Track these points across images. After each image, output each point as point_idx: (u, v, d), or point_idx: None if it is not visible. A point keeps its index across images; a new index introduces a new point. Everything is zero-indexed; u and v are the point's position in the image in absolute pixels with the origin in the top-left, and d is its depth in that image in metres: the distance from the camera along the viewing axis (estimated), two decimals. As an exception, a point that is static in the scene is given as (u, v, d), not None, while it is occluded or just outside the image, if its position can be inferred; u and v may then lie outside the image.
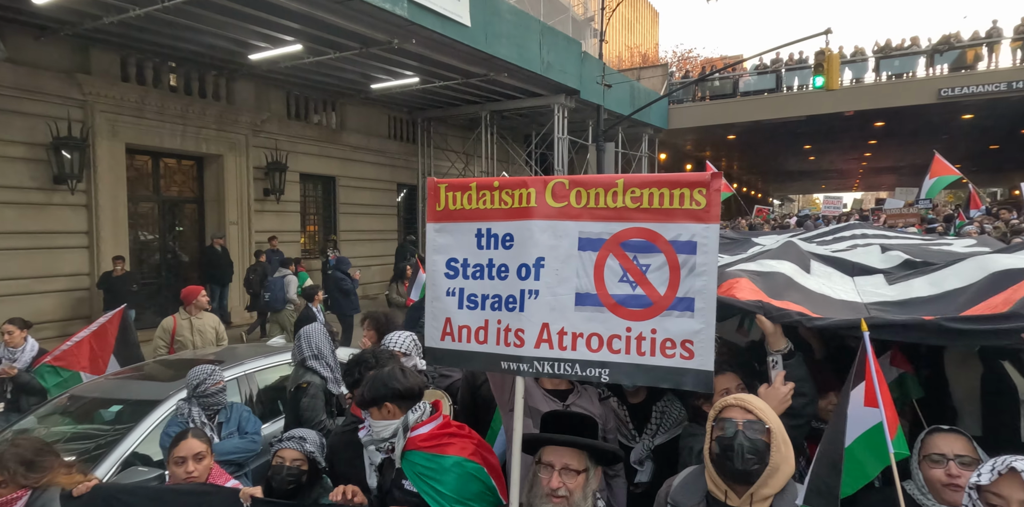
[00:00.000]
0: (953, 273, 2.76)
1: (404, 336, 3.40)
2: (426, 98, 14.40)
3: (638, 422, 2.78)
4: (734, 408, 1.89)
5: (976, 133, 21.62)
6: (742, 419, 1.85)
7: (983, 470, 1.63)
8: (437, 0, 9.06)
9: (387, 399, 2.24)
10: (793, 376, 2.23)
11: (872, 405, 1.90)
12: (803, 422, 2.28)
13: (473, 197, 2.21)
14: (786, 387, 2.18)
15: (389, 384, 2.25)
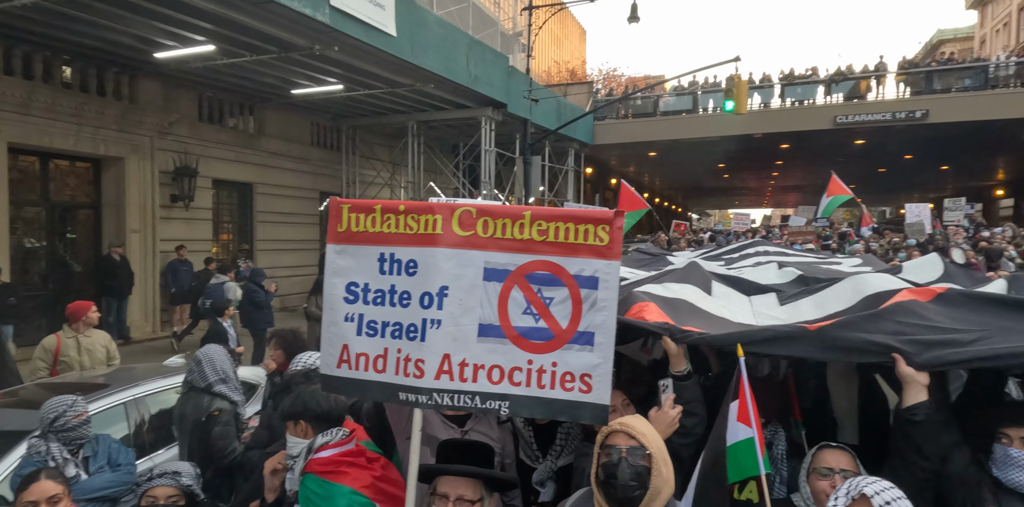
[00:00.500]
0: (834, 294, 3.00)
1: (316, 356, 3.26)
2: (351, 105, 14.09)
3: (543, 442, 2.79)
4: (619, 434, 1.93)
5: (867, 157, 23.73)
6: (626, 446, 1.90)
7: (839, 494, 1.73)
8: (361, 8, 8.90)
9: (302, 417, 2.23)
10: (684, 398, 2.32)
11: (744, 422, 2.01)
12: (693, 440, 2.37)
13: (377, 220, 2.14)
14: (674, 410, 2.26)
15: (308, 403, 2.22)
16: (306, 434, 2.24)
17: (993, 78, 17.91)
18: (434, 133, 16.84)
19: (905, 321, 2.15)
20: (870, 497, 1.65)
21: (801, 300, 3.15)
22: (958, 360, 2.00)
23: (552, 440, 2.77)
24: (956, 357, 1.98)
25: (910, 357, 1.98)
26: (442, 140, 17.64)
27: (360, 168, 16.33)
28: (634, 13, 15.82)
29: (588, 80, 30.87)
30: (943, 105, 17.33)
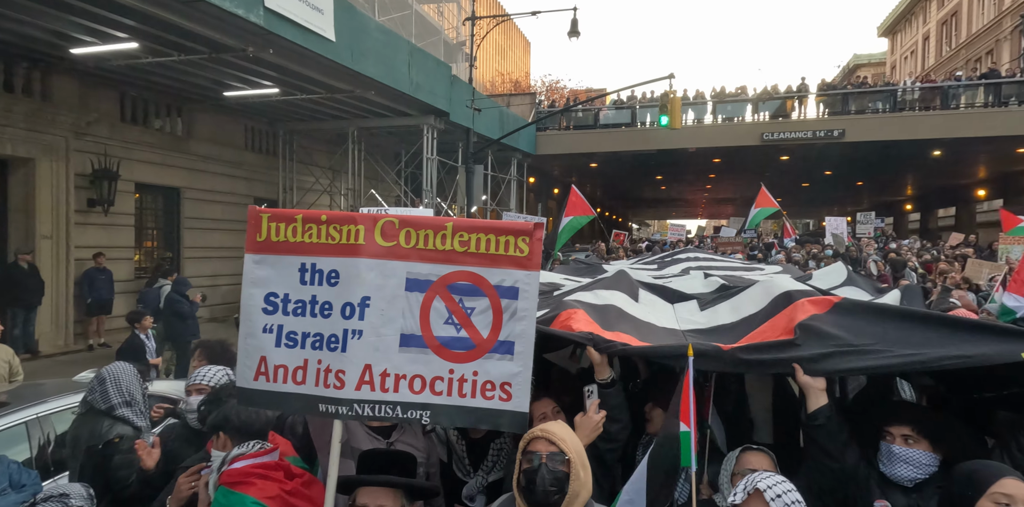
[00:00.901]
0: (748, 298, 3.19)
1: (215, 370, 3.11)
2: (289, 110, 13.72)
3: (475, 458, 2.78)
4: (540, 440, 1.97)
5: (791, 172, 25.17)
6: (546, 451, 1.94)
7: (737, 490, 1.85)
8: (298, 11, 8.72)
9: (222, 429, 2.20)
10: (608, 404, 2.38)
11: (684, 420, 2.09)
12: (617, 446, 2.44)
13: (298, 229, 2.11)
14: (598, 415, 2.32)
15: (228, 415, 2.19)
16: (225, 446, 2.20)
17: (901, 101, 19.44)
18: (375, 140, 16.63)
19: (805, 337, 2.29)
20: (763, 491, 1.76)
21: (719, 305, 3.32)
22: (850, 369, 2.17)
23: (485, 455, 2.78)
24: (847, 365, 2.13)
25: (807, 366, 2.12)
26: (383, 147, 17.43)
27: (298, 174, 15.90)
28: (574, 28, 16.23)
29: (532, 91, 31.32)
30: (858, 125, 18.65)
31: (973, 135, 17.57)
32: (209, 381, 3.03)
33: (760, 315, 2.89)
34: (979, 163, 22.64)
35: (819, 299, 2.60)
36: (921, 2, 42.05)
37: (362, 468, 2.10)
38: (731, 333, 2.84)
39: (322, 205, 16.52)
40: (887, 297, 3.44)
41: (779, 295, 2.85)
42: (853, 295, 3.59)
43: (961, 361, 1.98)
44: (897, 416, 2.20)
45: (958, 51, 36.09)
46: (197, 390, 2.99)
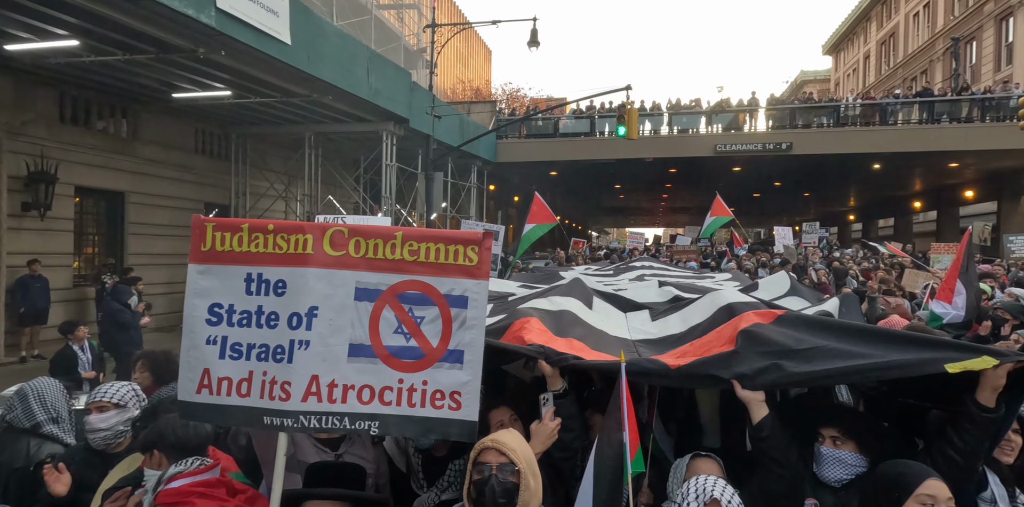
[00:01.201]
0: (696, 309, 3.31)
1: (118, 387, 2.91)
2: (242, 113, 13.37)
3: (431, 474, 2.75)
4: (490, 451, 1.98)
5: (743, 183, 26.02)
6: (496, 462, 1.95)
7: (690, 499, 1.89)
8: (252, 13, 8.53)
9: (156, 447, 2.13)
10: (562, 413, 2.40)
11: (623, 428, 2.11)
12: (571, 454, 2.45)
13: (244, 239, 2.08)
14: (553, 423, 2.34)
15: (163, 431, 2.12)
16: (160, 465, 2.12)
17: (844, 117, 20.42)
18: (333, 145, 16.37)
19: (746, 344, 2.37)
20: (719, 499, 1.84)
21: (670, 316, 3.42)
22: (786, 382, 2.25)
23: (442, 472, 2.75)
24: (783, 379, 2.20)
25: (746, 382, 2.19)
26: (342, 153, 17.17)
27: (252, 179, 15.48)
28: (534, 38, 16.43)
29: (492, 99, 31.48)
30: (804, 139, 19.47)
31: (909, 150, 18.58)
32: (111, 398, 2.81)
33: (705, 324, 2.98)
34: (915, 176, 23.95)
35: (764, 311, 2.69)
36: (862, 22, 44.40)
37: (309, 481, 2.07)
38: (679, 343, 2.92)
39: (277, 211, 16.13)
40: (827, 304, 3.60)
41: (723, 306, 2.95)
42: (796, 305, 3.74)
43: (892, 372, 2.08)
44: (827, 418, 2.29)
45: (896, 70, 38.20)
46: (98, 408, 2.77)
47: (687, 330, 3.08)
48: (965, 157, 19.31)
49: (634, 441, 2.11)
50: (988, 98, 19.15)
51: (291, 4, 9.53)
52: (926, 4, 34.56)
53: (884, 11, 40.83)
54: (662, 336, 3.11)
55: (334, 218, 9.72)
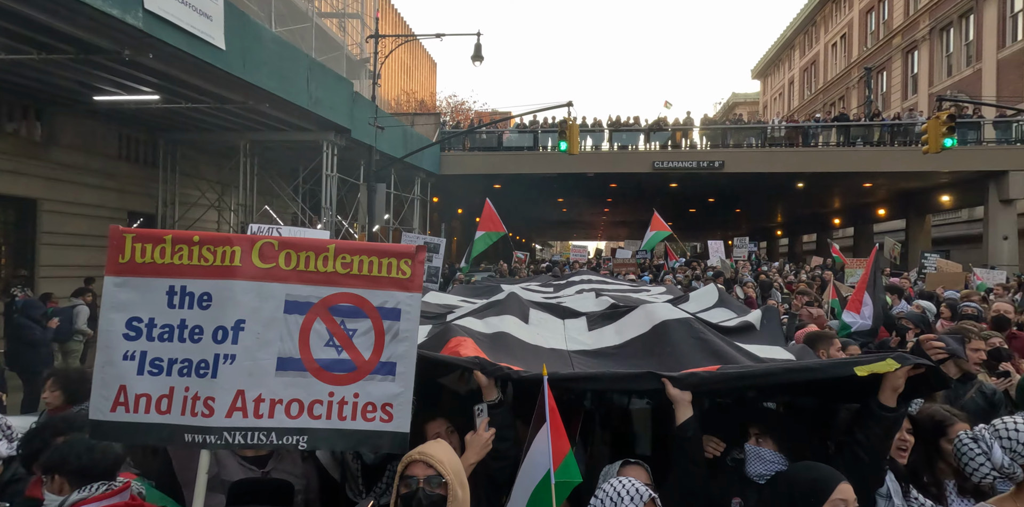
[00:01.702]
0: (632, 322, 3.44)
1: None
2: (172, 118, 12.78)
3: (370, 480, 2.71)
4: (417, 464, 1.98)
5: (680, 198, 27.07)
6: (423, 475, 1.95)
7: (625, 502, 1.96)
8: (183, 16, 8.21)
9: (57, 471, 2.04)
10: (497, 423, 2.44)
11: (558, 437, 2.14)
12: (507, 463, 2.48)
13: (167, 251, 2.04)
14: (487, 433, 2.38)
15: (66, 455, 2.03)
16: (61, 490, 2.02)
17: (770, 138, 21.67)
18: (271, 154, 15.88)
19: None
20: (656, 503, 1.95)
21: (605, 327, 3.53)
22: (713, 380, 2.39)
23: (380, 477, 2.72)
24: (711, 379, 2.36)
25: (675, 381, 2.32)
26: (279, 162, 16.67)
27: (181, 187, 14.77)
28: (478, 53, 16.61)
29: (437, 111, 31.47)
30: (735, 158, 20.50)
31: (828, 170, 19.90)
32: None
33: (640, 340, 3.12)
34: (834, 195, 25.62)
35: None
36: (787, 50, 47.43)
37: (233, 499, 2.01)
38: (615, 356, 3.05)
39: (209, 221, 15.45)
40: (750, 315, 3.82)
41: (658, 323, 3.11)
42: (722, 316, 3.95)
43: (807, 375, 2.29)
44: (752, 417, 2.44)
45: (817, 95, 40.92)
46: None
47: (623, 343, 3.20)
48: (877, 178, 20.86)
49: (560, 450, 2.15)
50: (896, 124, 20.81)
51: (226, 8, 9.25)
52: (843, 35, 37.35)
53: (806, 40, 43.82)
54: (598, 348, 3.21)
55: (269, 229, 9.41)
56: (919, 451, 2.56)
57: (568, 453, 2.15)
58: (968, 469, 2.11)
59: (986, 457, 2.05)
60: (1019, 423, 2.09)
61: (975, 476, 2.10)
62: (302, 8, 18.98)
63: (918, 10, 28.99)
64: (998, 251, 18.67)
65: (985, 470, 2.06)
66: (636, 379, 2.47)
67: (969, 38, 25.86)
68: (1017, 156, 18.60)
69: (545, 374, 2.25)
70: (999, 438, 2.06)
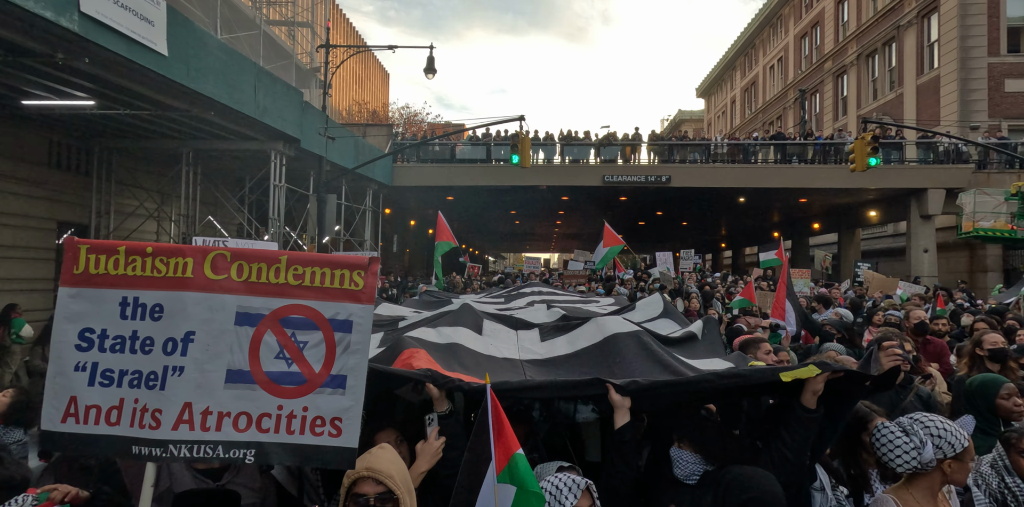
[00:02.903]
0: (583, 333, 3.57)
1: None
2: (108, 125, 12.23)
3: (331, 488, 2.68)
4: (367, 481, 1.98)
5: (629, 211, 27.77)
6: (373, 493, 1.96)
7: (565, 491, 2.07)
8: (123, 21, 7.93)
9: None
10: (447, 433, 2.48)
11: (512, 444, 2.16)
12: (456, 472, 2.51)
13: (120, 262, 2.03)
14: (438, 442, 2.42)
15: None
16: None
17: (714, 154, 22.60)
18: (215, 163, 15.39)
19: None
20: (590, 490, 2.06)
21: (557, 338, 3.63)
22: (650, 387, 2.49)
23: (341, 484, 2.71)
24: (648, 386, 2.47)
25: (617, 388, 2.43)
26: (224, 171, 16.18)
27: (117, 197, 14.10)
28: (430, 66, 16.69)
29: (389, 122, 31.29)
30: (681, 173, 21.25)
31: (766, 186, 20.89)
32: None
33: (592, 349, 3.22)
34: (773, 209, 26.88)
35: None
36: (729, 71, 49.71)
37: None
38: (566, 364, 3.13)
39: (147, 232, 14.78)
40: (692, 326, 3.99)
41: (609, 335, 3.23)
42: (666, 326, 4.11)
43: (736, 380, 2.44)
44: (673, 422, 2.56)
45: (757, 115, 42.97)
46: None
47: (574, 352, 3.30)
48: (811, 194, 22.04)
49: (501, 458, 2.19)
50: (828, 143, 22.10)
51: (169, 14, 8.99)
52: (780, 59, 39.48)
53: (746, 62, 46.07)
54: (550, 356, 3.29)
55: (215, 241, 9.10)
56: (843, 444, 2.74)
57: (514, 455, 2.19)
58: (893, 458, 2.20)
59: (918, 451, 2.16)
60: (946, 423, 2.26)
61: (900, 466, 2.20)
62: (250, 15, 18.59)
63: (846, 37, 31.04)
64: (919, 263, 20.01)
65: (913, 462, 2.17)
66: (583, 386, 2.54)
67: (892, 64, 27.85)
68: (934, 175, 20.06)
69: (488, 382, 2.29)
70: (931, 436, 2.19)
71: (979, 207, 16.92)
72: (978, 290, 18.12)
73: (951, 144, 20.36)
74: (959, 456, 2.16)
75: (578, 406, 3.32)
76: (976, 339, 4.18)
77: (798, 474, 2.41)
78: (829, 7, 32.81)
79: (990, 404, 3.13)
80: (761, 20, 41.38)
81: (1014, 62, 23.07)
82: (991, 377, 3.31)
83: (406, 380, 2.92)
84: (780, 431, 2.40)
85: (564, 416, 3.48)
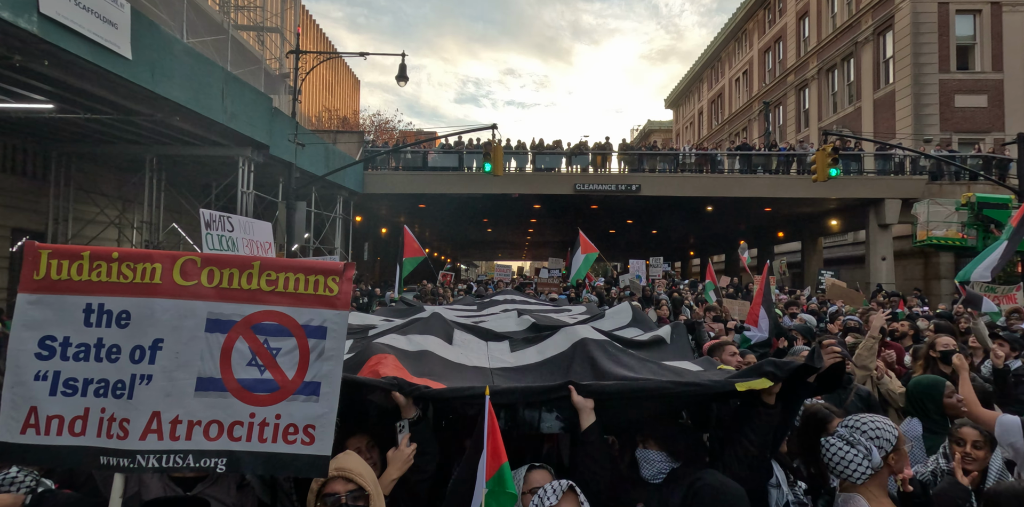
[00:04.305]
0: (552, 343, 3.64)
1: None
2: (68, 129, 11.87)
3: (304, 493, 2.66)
4: (336, 481, 1.98)
5: (601, 220, 28.07)
6: (344, 491, 1.96)
7: (549, 492, 2.09)
8: (85, 23, 7.74)
9: None
10: (418, 438, 2.49)
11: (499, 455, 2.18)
12: (427, 476, 2.53)
13: (85, 267, 1.98)
14: (409, 448, 2.43)
15: None
16: None
17: (682, 164, 23.06)
18: (181, 169, 15.04)
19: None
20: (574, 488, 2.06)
21: (527, 349, 3.68)
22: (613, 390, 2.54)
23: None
24: (612, 389, 2.52)
25: (580, 389, 2.48)
26: (190, 177, 15.82)
27: (76, 203, 13.67)
28: (402, 73, 16.67)
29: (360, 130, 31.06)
30: (650, 182, 21.62)
31: (733, 195, 21.40)
32: None
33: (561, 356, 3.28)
34: (740, 218, 27.50)
35: None
36: (696, 83, 50.92)
37: None
38: (536, 372, 3.17)
39: (108, 239, 14.34)
40: (661, 331, 4.07)
41: (577, 341, 3.28)
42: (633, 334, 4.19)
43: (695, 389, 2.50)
44: (640, 424, 2.62)
45: (723, 125, 44.07)
46: None
47: (543, 360, 3.34)
48: (776, 203, 22.66)
49: (492, 465, 2.20)
50: (791, 154, 22.79)
51: (133, 17, 8.81)
52: (745, 72, 40.63)
53: (713, 75, 47.27)
54: (521, 365, 3.32)
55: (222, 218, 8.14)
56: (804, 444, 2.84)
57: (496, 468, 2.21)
58: (851, 472, 2.24)
59: (868, 460, 2.22)
60: (876, 420, 2.34)
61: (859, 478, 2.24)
62: (217, 20, 18.31)
63: (808, 52, 32.15)
64: (878, 270, 20.72)
65: (868, 471, 2.22)
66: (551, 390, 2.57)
67: (851, 79, 28.95)
68: (891, 186, 20.87)
69: (488, 394, 2.29)
70: (871, 439, 2.26)
71: (932, 216, 17.65)
72: (932, 296, 18.88)
73: (905, 156, 21.23)
74: (896, 447, 2.25)
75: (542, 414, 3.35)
76: (930, 342, 4.37)
77: (761, 468, 2.52)
78: (791, 23, 33.98)
79: (939, 405, 3.28)
80: (727, 34, 42.57)
81: (963, 79, 24.23)
82: (933, 380, 3.46)
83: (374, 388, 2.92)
84: (744, 428, 2.49)
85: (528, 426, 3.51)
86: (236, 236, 7.30)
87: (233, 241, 7.22)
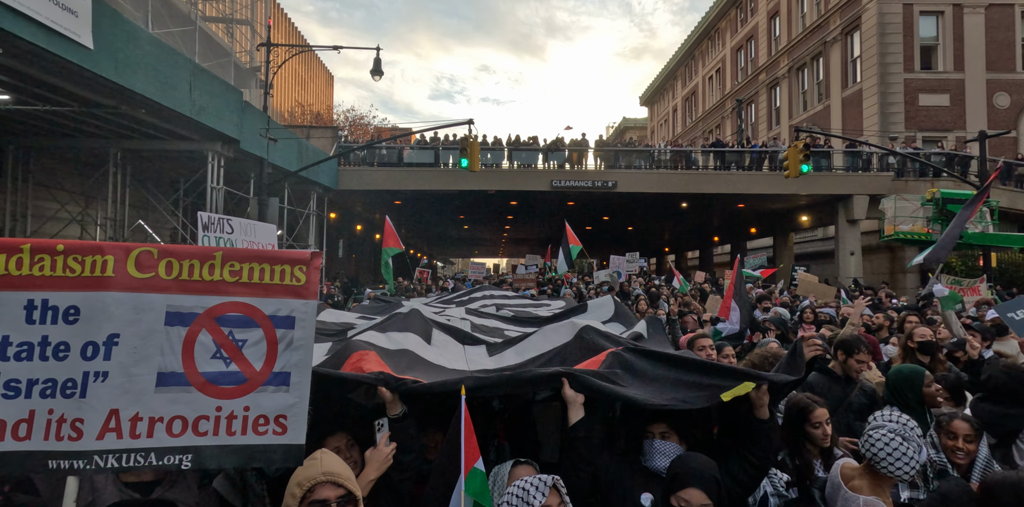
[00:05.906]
0: (531, 345, 3.64)
1: None
2: (25, 121, 11.39)
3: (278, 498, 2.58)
4: (325, 486, 1.92)
5: (578, 216, 28.13)
6: (334, 496, 1.91)
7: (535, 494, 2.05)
8: (43, 10, 7.41)
9: None
10: (401, 437, 2.44)
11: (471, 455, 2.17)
12: (409, 475, 2.49)
13: (25, 262, 1.87)
14: (388, 448, 2.38)
15: None
16: None
17: (657, 161, 23.25)
18: (147, 164, 14.59)
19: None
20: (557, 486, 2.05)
21: (506, 351, 3.69)
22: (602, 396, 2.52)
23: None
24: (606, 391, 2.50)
25: (572, 383, 2.46)
26: (156, 172, 15.36)
27: (35, 199, 13.15)
28: (377, 68, 16.43)
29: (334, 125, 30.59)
30: (626, 178, 21.76)
31: (707, 191, 21.67)
32: None
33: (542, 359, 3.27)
34: (714, 214, 27.89)
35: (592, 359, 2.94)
36: (671, 80, 51.41)
37: None
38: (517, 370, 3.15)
39: (69, 236, 13.83)
40: (638, 326, 4.08)
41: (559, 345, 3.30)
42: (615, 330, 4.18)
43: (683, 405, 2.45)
44: (655, 416, 2.58)
45: (697, 123, 44.60)
46: None
47: (524, 362, 3.35)
48: (748, 199, 23.02)
49: (470, 461, 2.17)
50: (763, 151, 23.16)
51: (95, 4, 8.47)
52: (718, 70, 41.17)
53: (687, 72, 47.78)
54: (499, 367, 3.30)
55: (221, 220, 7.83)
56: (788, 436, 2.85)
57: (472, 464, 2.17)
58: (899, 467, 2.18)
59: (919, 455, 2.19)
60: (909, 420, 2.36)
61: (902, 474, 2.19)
62: (184, 10, 17.79)
63: (779, 51, 32.71)
64: (847, 265, 21.23)
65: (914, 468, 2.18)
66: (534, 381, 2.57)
67: (820, 78, 29.55)
68: (859, 182, 21.38)
69: (464, 393, 2.27)
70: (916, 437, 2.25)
71: (899, 212, 18.13)
72: (898, 290, 19.40)
73: (872, 153, 21.76)
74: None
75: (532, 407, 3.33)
76: (908, 332, 4.45)
77: (764, 475, 2.54)
78: (762, 22, 34.52)
79: (918, 394, 3.33)
80: (700, 32, 43.05)
81: (927, 78, 24.93)
82: (913, 369, 3.53)
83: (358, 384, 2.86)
84: (745, 444, 2.48)
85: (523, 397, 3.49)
86: (236, 238, 7.07)
87: (232, 244, 6.99)
